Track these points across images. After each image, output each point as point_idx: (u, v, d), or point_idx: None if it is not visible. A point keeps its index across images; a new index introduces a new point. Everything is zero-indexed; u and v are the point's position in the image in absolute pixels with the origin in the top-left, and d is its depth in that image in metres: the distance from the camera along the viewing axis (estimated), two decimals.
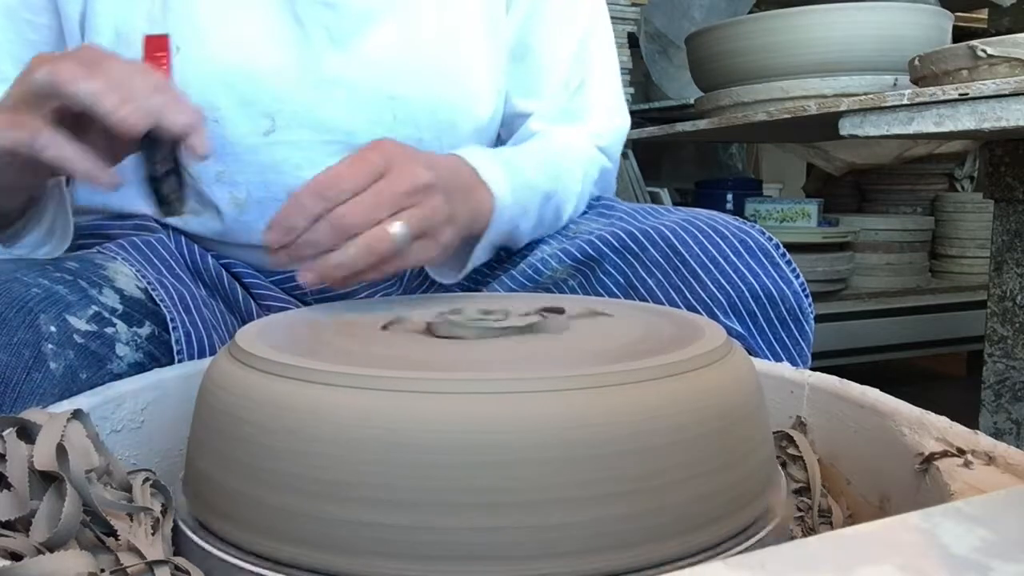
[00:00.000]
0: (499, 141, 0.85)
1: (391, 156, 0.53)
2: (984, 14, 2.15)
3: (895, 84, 1.35)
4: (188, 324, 0.62)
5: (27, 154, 0.49)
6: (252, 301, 0.74)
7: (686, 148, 2.57)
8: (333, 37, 0.70)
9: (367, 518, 0.35)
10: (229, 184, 0.71)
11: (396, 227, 0.51)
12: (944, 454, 0.43)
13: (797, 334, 0.69)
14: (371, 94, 0.72)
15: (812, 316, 0.70)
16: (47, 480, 0.38)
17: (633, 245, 0.69)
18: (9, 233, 0.63)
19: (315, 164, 0.70)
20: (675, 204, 2.03)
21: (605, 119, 0.85)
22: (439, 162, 0.60)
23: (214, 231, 0.73)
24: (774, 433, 0.51)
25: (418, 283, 0.78)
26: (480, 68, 0.76)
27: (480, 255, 0.68)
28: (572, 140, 0.81)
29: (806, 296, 0.69)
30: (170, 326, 0.61)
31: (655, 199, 1.91)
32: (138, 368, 0.58)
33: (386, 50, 0.72)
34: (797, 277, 0.69)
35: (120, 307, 0.60)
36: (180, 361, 0.60)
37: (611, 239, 0.70)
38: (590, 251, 0.70)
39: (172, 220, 0.71)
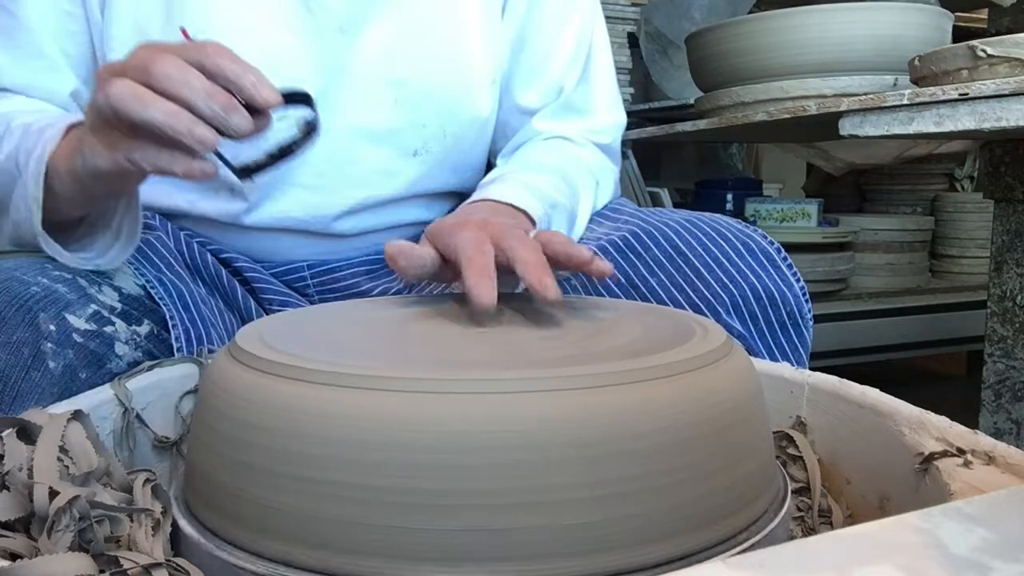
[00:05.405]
0: (496, 150, 0.86)
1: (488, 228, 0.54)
2: (984, 14, 2.15)
3: (895, 84, 1.35)
4: (187, 322, 0.62)
5: (126, 169, 0.51)
6: (251, 297, 0.75)
7: (686, 148, 2.56)
8: (341, 26, 0.72)
9: (368, 519, 0.35)
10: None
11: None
12: (944, 454, 0.43)
13: (796, 339, 0.69)
14: (373, 79, 0.73)
15: (811, 322, 0.70)
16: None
17: (636, 244, 0.70)
18: (76, 238, 0.62)
19: (321, 146, 0.71)
20: (675, 204, 2.03)
21: (606, 114, 0.87)
22: (494, 217, 0.61)
23: (223, 212, 0.74)
24: (774, 433, 0.51)
25: None
26: (477, 57, 0.77)
27: None
28: (581, 154, 0.82)
29: (806, 300, 0.69)
30: (169, 324, 0.61)
31: (655, 199, 1.90)
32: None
33: (390, 37, 0.74)
34: (798, 280, 0.69)
35: (119, 305, 0.60)
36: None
37: (616, 239, 0.71)
38: (596, 251, 0.71)
39: (181, 204, 0.74)
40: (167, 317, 0.62)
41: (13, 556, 0.35)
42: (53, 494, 0.36)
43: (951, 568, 0.25)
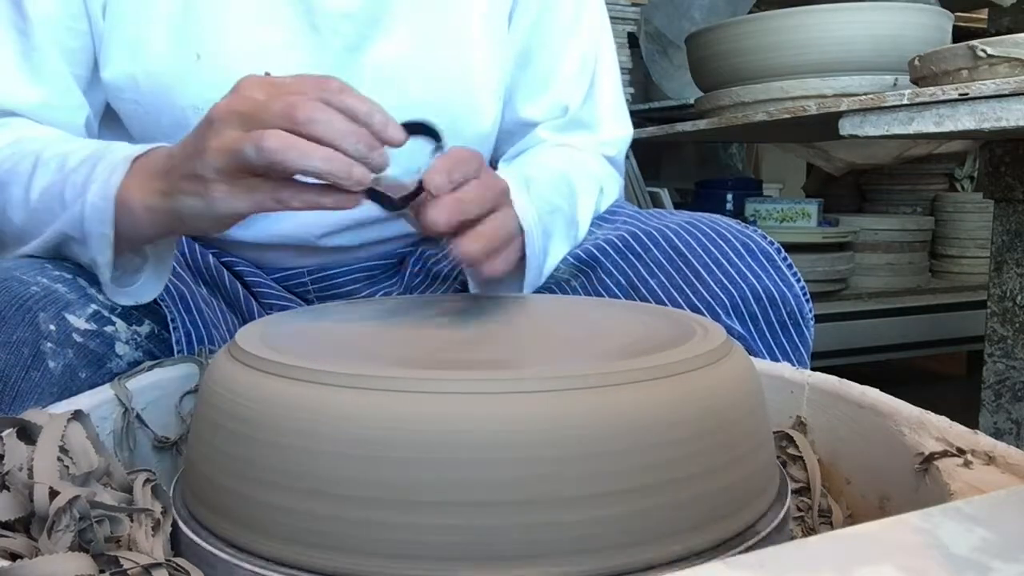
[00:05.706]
0: (498, 155, 0.85)
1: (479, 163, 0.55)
2: (984, 14, 2.15)
3: (895, 84, 1.35)
4: (188, 323, 0.62)
5: (270, 210, 0.51)
6: (253, 299, 0.74)
7: (686, 148, 2.56)
8: (348, 45, 0.71)
9: (368, 518, 0.35)
10: None
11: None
12: (944, 454, 0.43)
13: (797, 339, 0.69)
14: (376, 98, 0.71)
15: (812, 322, 0.70)
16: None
17: (636, 246, 0.70)
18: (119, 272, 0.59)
19: None
20: (675, 204, 2.03)
21: (613, 127, 0.85)
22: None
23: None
24: (774, 433, 0.51)
25: (418, 281, 0.79)
26: (481, 73, 0.76)
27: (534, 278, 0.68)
28: (586, 160, 0.81)
29: (807, 301, 0.69)
30: (170, 325, 0.61)
31: (655, 199, 1.90)
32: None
33: (395, 55, 0.72)
34: (798, 281, 0.69)
35: (119, 305, 0.60)
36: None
37: (616, 240, 0.70)
38: (595, 252, 0.71)
39: None
40: (168, 319, 0.61)
41: (13, 556, 0.35)
42: (53, 494, 0.36)
43: (951, 568, 0.25)
